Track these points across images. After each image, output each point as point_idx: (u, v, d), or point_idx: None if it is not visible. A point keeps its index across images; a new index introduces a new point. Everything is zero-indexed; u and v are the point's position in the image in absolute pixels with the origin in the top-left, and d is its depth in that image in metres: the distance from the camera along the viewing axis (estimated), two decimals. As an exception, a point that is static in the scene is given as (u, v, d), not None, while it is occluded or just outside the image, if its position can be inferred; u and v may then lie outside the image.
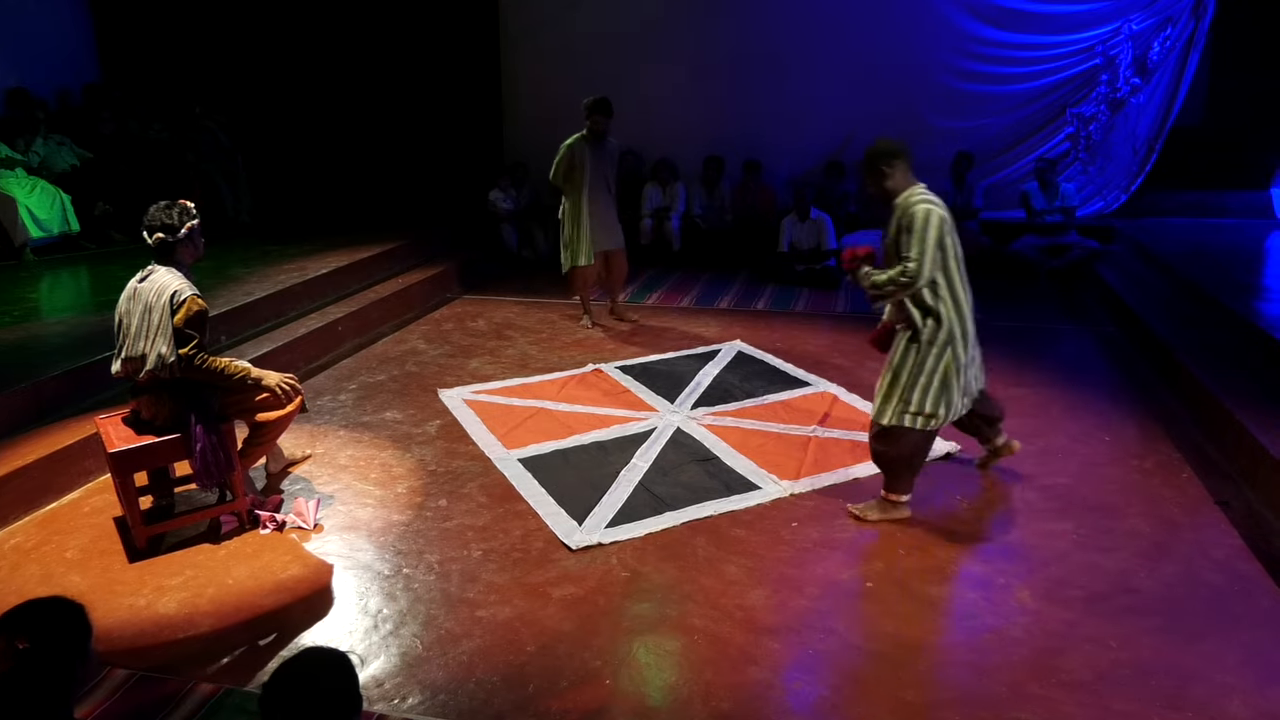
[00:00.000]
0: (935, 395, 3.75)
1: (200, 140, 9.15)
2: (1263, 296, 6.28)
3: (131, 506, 3.71)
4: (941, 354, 3.73)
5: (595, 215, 6.56)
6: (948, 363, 3.73)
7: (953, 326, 3.70)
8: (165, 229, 3.70)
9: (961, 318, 3.73)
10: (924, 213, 3.58)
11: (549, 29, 9.74)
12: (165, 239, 3.71)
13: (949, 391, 3.76)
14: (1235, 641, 3.10)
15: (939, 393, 3.75)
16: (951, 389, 3.76)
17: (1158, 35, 8.68)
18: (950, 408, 3.80)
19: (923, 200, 3.63)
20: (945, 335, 3.71)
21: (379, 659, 3.07)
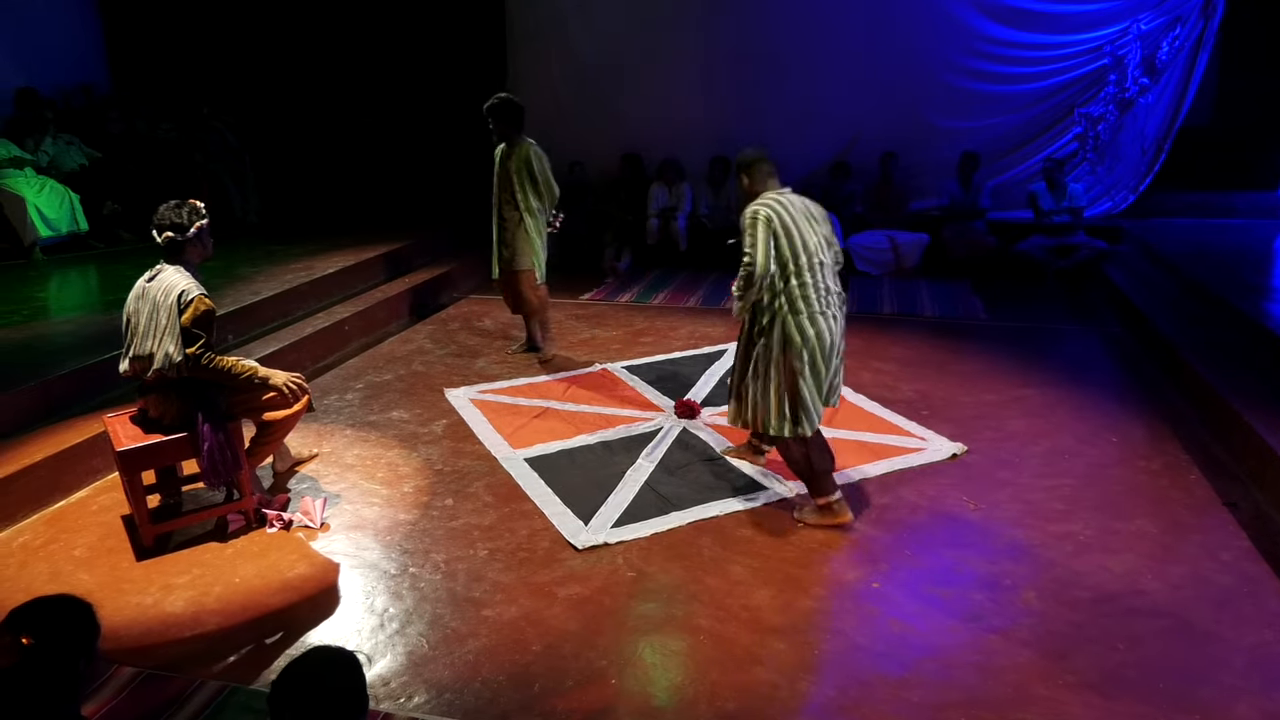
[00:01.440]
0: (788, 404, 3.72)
1: (208, 140, 9.19)
2: (1270, 297, 6.25)
3: (139, 505, 3.73)
4: (782, 360, 3.70)
5: (499, 229, 5.98)
6: (793, 369, 3.68)
7: (790, 331, 3.67)
8: (174, 227, 3.72)
9: (814, 322, 3.67)
10: (751, 213, 3.71)
11: (555, 30, 9.74)
12: (174, 237, 3.73)
13: (799, 398, 3.70)
14: (1243, 643, 3.09)
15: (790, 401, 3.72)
16: (800, 394, 3.70)
17: (1166, 35, 8.64)
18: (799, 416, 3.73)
19: (759, 203, 3.73)
20: (780, 339, 3.69)
21: (385, 658, 3.08)
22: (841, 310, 3.84)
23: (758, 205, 3.73)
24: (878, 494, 4.19)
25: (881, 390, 5.49)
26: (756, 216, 3.68)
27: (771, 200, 3.74)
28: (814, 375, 3.70)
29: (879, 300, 7.72)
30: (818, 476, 3.88)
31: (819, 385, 3.74)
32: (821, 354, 3.70)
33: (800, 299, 3.68)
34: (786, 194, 3.80)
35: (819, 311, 3.70)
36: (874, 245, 8.61)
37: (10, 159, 7.63)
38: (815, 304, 3.69)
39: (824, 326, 3.70)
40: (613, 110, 9.75)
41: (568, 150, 9.64)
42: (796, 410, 3.72)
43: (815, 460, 3.86)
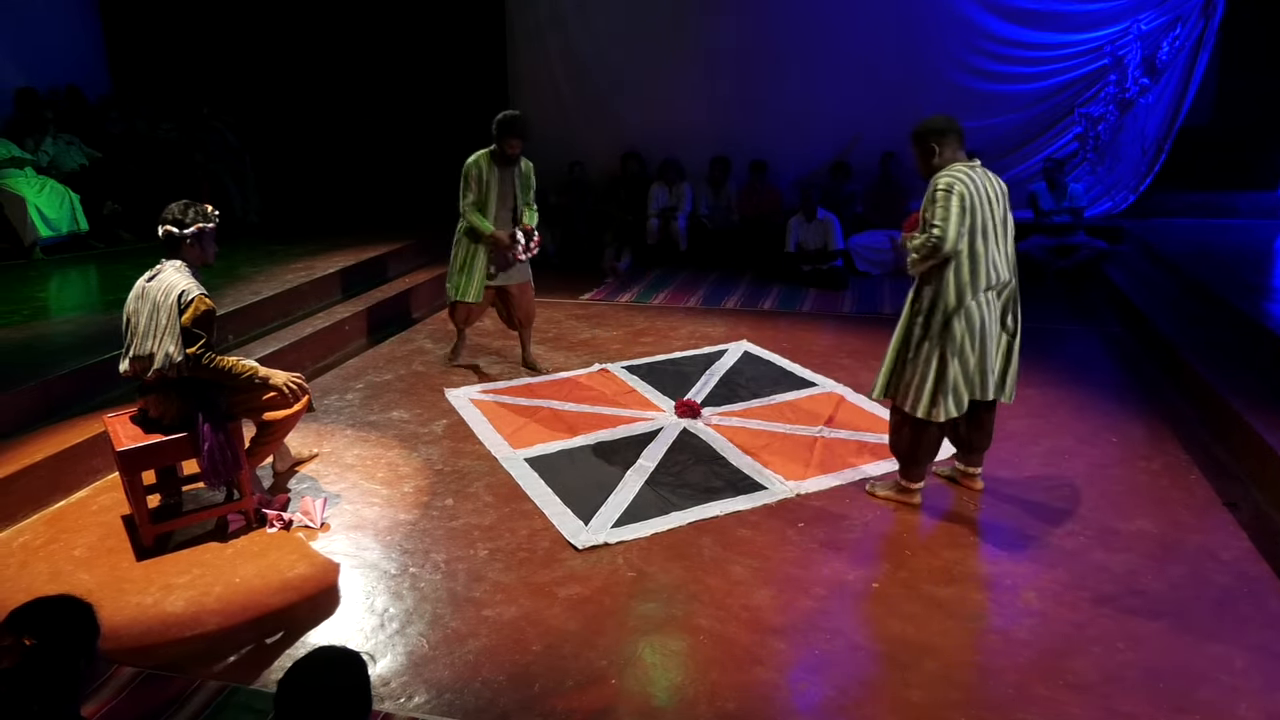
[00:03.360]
0: (932, 384, 3.72)
1: (208, 140, 9.19)
2: (1271, 297, 6.25)
3: (139, 505, 3.73)
4: (940, 337, 3.68)
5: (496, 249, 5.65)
6: (943, 348, 3.68)
7: (951, 309, 3.65)
8: (174, 223, 3.73)
9: (978, 303, 3.66)
10: (945, 183, 3.60)
11: (555, 30, 9.75)
12: (171, 232, 3.73)
13: (942, 382, 3.72)
14: (1243, 644, 3.09)
15: (935, 382, 3.72)
16: (946, 379, 3.71)
17: (1166, 35, 8.64)
18: (938, 400, 3.74)
19: (948, 174, 3.63)
20: (942, 317, 3.67)
21: (385, 658, 3.08)
22: (1012, 302, 3.83)
23: (950, 176, 3.62)
24: (878, 494, 4.20)
25: (882, 390, 5.48)
26: (951, 189, 3.58)
27: (962, 173, 3.63)
28: (962, 361, 3.70)
29: (879, 300, 7.72)
30: (917, 464, 3.94)
31: (966, 372, 3.73)
32: (977, 340, 3.69)
33: (968, 282, 3.64)
34: (976, 168, 3.69)
35: (983, 296, 3.67)
36: (875, 245, 8.61)
37: (10, 159, 7.64)
38: (981, 287, 3.65)
39: (984, 313, 3.69)
40: (613, 110, 9.76)
41: (568, 150, 9.67)
42: (937, 393, 3.72)
43: (922, 451, 3.90)
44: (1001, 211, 3.72)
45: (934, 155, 3.72)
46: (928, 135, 3.73)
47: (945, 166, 3.69)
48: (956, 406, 3.77)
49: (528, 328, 6.03)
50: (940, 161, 3.71)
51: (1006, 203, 3.76)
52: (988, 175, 3.72)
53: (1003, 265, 3.75)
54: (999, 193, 3.72)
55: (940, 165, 3.71)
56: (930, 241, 3.57)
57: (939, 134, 3.72)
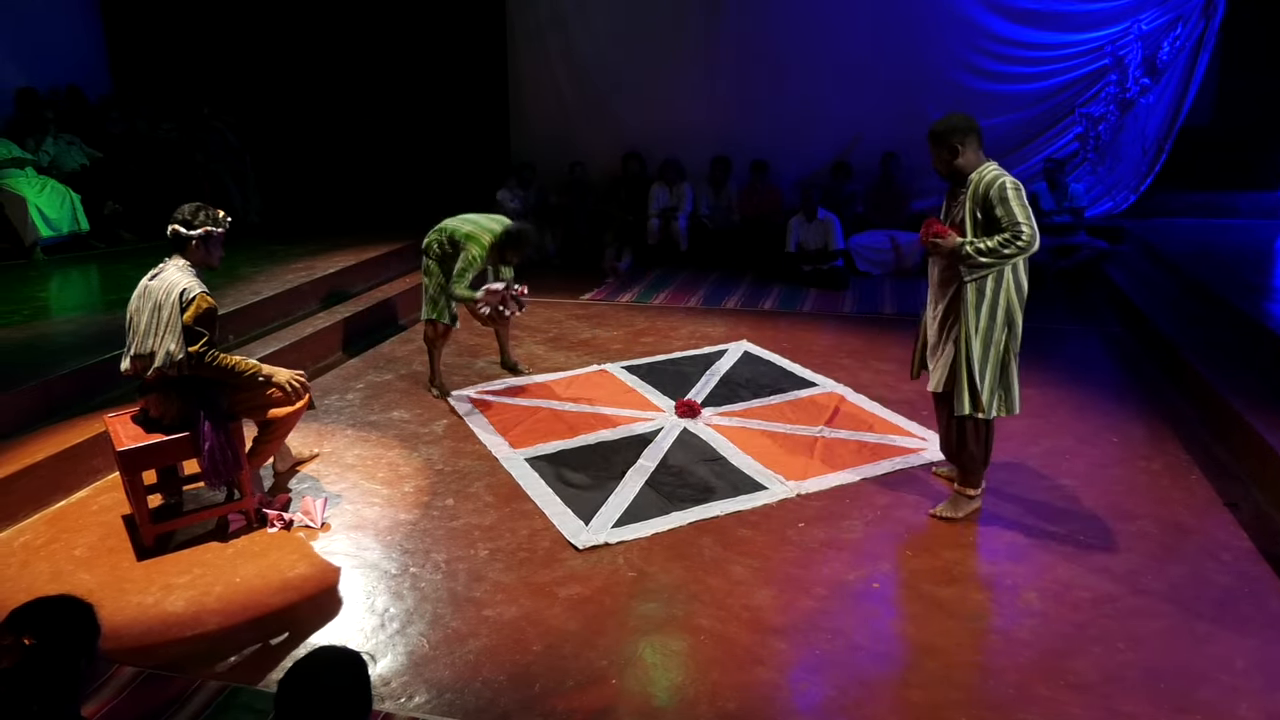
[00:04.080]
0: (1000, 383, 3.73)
1: (209, 140, 9.19)
2: (1272, 297, 6.25)
3: (140, 505, 3.73)
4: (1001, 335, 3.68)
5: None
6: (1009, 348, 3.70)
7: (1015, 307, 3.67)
8: (182, 223, 3.75)
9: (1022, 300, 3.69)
10: (1014, 183, 3.58)
11: (556, 30, 9.74)
12: (178, 231, 3.75)
13: (1008, 378, 3.74)
14: (1244, 644, 3.09)
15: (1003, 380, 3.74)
16: (1011, 374, 3.73)
17: (1167, 35, 8.63)
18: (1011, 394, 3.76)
19: (1007, 175, 3.61)
20: (1005, 316, 3.66)
21: (386, 657, 3.08)
22: None
23: (1002, 174, 3.61)
24: (878, 494, 4.20)
25: (882, 390, 5.48)
26: (1020, 187, 3.58)
27: (1003, 170, 3.64)
28: (1018, 359, 3.73)
29: (880, 300, 7.72)
30: (984, 464, 3.91)
31: (1018, 369, 3.75)
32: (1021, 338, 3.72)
33: (1025, 278, 3.66)
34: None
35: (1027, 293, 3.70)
36: (875, 245, 8.60)
37: (11, 159, 7.64)
38: (1027, 285, 3.69)
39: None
40: (613, 110, 9.75)
41: (569, 150, 9.67)
42: (1008, 389, 3.74)
43: (989, 446, 3.89)
44: None
45: (958, 155, 3.66)
46: (951, 134, 3.67)
47: (972, 166, 3.65)
48: (1019, 404, 3.80)
49: (506, 330, 5.93)
50: (965, 162, 3.66)
51: None
52: None
53: None
54: None
55: (966, 165, 3.66)
56: (1021, 241, 3.51)
57: (962, 133, 3.66)
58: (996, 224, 3.56)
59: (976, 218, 3.63)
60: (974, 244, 3.58)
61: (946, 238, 3.66)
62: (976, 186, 3.62)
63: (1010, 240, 3.51)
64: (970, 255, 3.58)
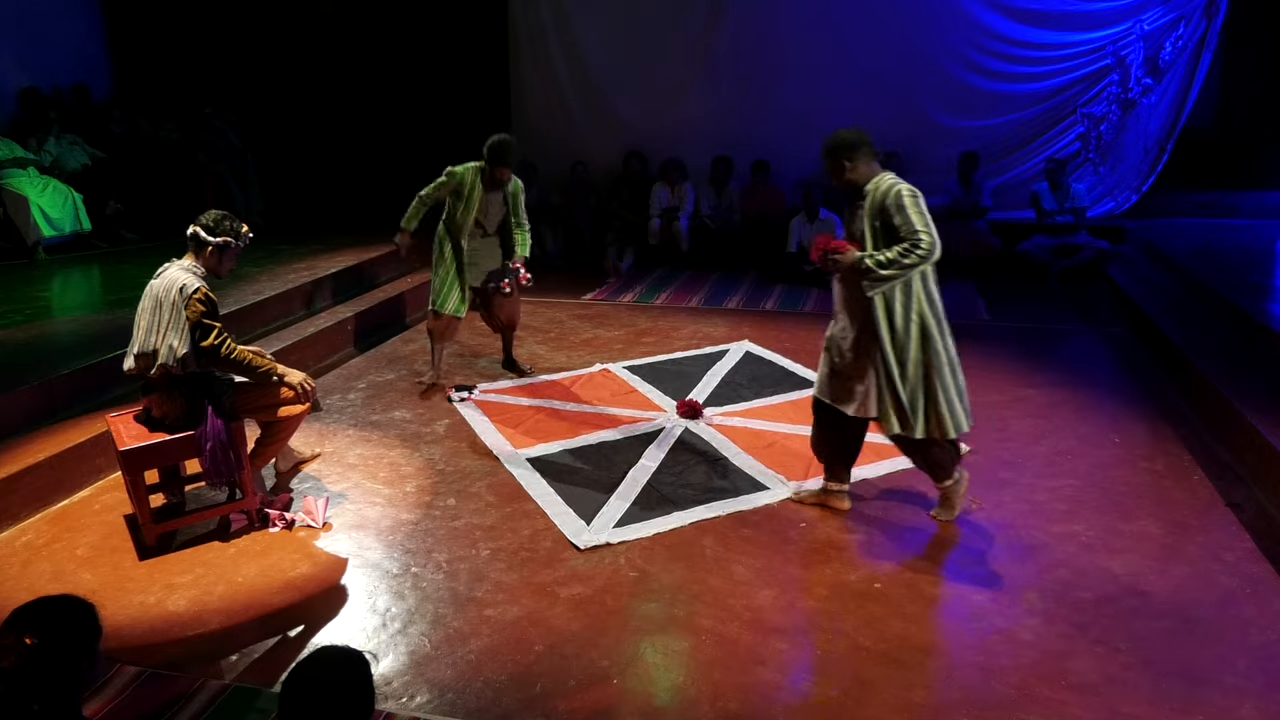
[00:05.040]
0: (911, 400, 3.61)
1: (211, 140, 9.20)
2: (1274, 297, 6.25)
3: (142, 504, 3.73)
4: (918, 350, 3.58)
5: (474, 256, 5.58)
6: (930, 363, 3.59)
7: (926, 317, 3.57)
8: (205, 228, 3.78)
9: (934, 310, 3.60)
10: (910, 191, 3.51)
11: (558, 30, 9.74)
12: (198, 234, 3.77)
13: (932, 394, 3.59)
14: (1246, 644, 3.08)
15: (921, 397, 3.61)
16: (935, 390, 3.60)
17: (1169, 35, 8.63)
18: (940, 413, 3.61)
19: (902, 183, 3.54)
20: (919, 326, 3.57)
21: (387, 657, 3.08)
22: None
23: (896, 183, 3.54)
24: (880, 494, 4.20)
25: (884, 390, 5.48)
26: (916, 194, 3.51)
27: (899, 179, 3.58)
28: (951, 372, 3.63)
29: (881, 300, 7.70)
30: (952, 463, 3.84)
31: (956, 385, 3.65)
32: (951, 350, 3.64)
33: (935, 289, 3.60)
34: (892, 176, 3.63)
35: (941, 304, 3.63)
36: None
37: (13, 159, 7.65)
38: (937, 293, 3.61)
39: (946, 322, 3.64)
40: (615, 110, 9.76)
41: (570, 150, 9.67)
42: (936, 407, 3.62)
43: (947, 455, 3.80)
44: None
45: (846, 169, 3.62)
46: (838, 149, 3.64)
47: (866, 178, 3.60)
48: (955, 424, 3.64)
49: (511, 330, 5.99)
50: (857, 175, 3.62)
51: None
52: None
53: None
54: None
55: (858, 178, 3.62)
56: (920, 249, 3.43)
57: (850, 147, 3.62)
58: (896, 234, 3.50)
59: (876, 228, 3.56)
60: (873, 256, 3.52)
61: (845, 252, 3.60)
62: (873, 197, 3.56)
63: (910, 249, 3.44)
64: (871, 268, 3.52)
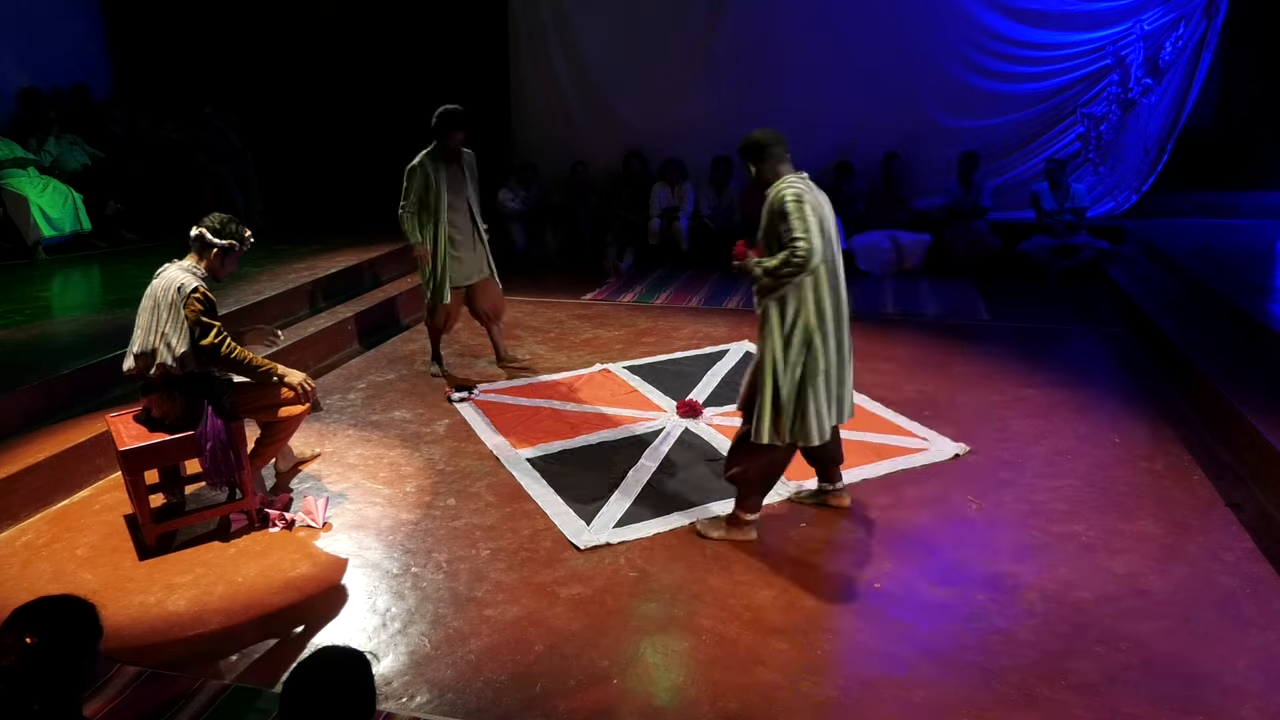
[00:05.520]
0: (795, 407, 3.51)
1: (211, 140, 9.19)
2: (1274, 297, 6.24)
3: (142, 504, 3.74)
4: (799, 357, 3.48)
5: (455, 244, 5.62)
6: (804, 367, 3.49)
7: (813, 328, 3.47)
8: (211, 230, 3.78)
9: (822, 321, 3.48)
10: (794, 195, 3.40)
11: (557, 30, 9.74)
12: (204, 236, 3.78)
13: (803, 402, 3.51)
14: (1246, 644, 3.08)
15: (793, 404, 3.51)
16: (807, 399, 3.51)
17: (1169, 35, 8.63)
18: (808, 422, 3.52)
19: (790, 187, 3.43)
20: (802, 335, 3.47)
21: (387, 657, 3.08)
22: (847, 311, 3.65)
23: (793, 187, 3.43)
24: (880, 494, 4.19)
25: (884, 390, 5.48)
26: (801, 198, 3.39)
27: (797, 182, 3.47)
28: (826, 382, 3.54)
29: (881, 300, 7.71)
30: (759, 491, 3.74)
31: (829, 392, 3.57)
32: (836, 359, 3.56)
33: (826, 294, 3.49)
34: (805, 178, 3.53)
35: (836, 310, 3.53)
36: (876, 245, 8.60)
37: (13, 159, 7.65)
38: (831, 300, 3.51)
39: (844, 331, 3.57)
40: (615, 110, 9.76)
41: (570, 150, 9.67)
42: (804, 416, 3.52)
43: (771, 477, 3.72)
44: (835, 226, 3.58)
45: (750, 173, 3.59)
46: (745, 151, 3.59)
47: (769, 181, 3.51)
48: (819, 432, 3.56)
49: (496, 322, 6.02)
50: (762, 178, 3.55)
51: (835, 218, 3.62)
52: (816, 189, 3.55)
53: (842, 280, 3.59)
54: (829, 205, 3.57)
55: (763, 181, 3.55)
56: (796, 257, 3.33)
57: (754, 150, 3.56)
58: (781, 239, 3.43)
59: (770, 234, 3.49)
60: (760, 264, 3.47)
61: (744, 258, 3.56)
62: (770, 201, 3.50)
63: (788, 258, 3.36)
64: (757, 276, 3.48)
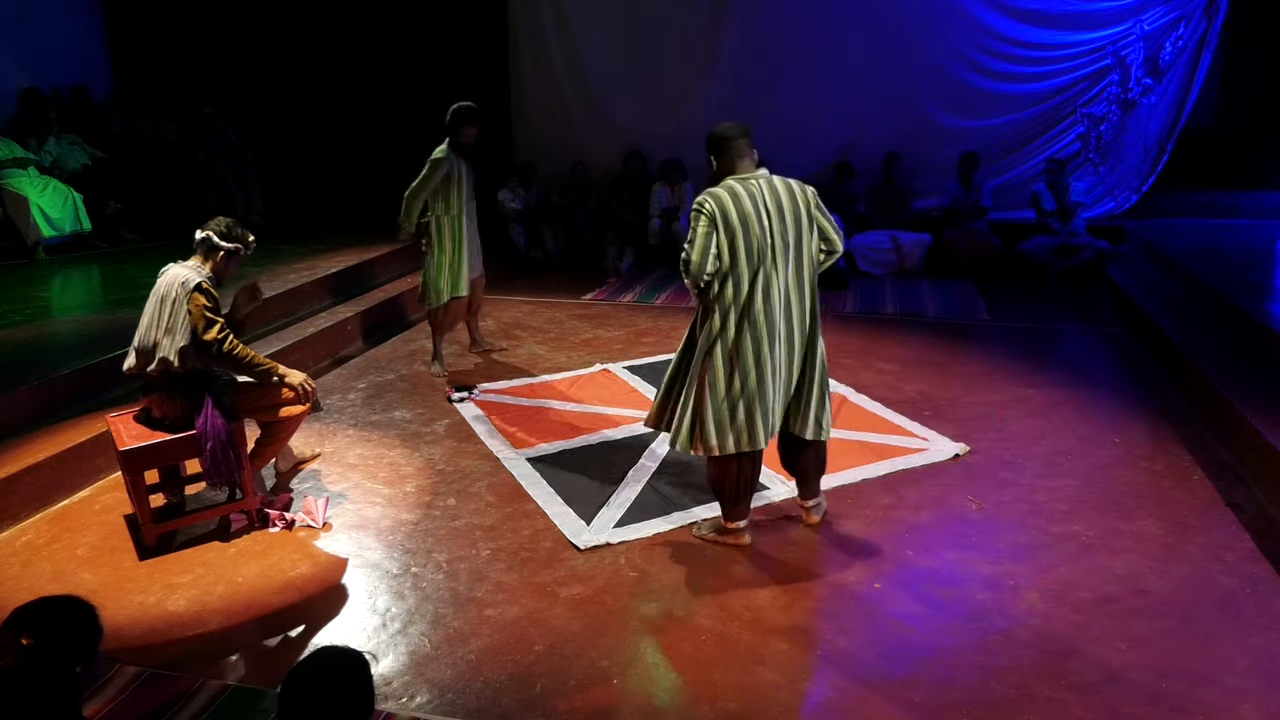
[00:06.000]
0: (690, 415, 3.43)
1: (211, 140, 9.20)
2: (1273, 297, 6.24)
3: (142, 504, 3.74)
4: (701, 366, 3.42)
5: (470, 238, 5.84)
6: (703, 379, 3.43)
7: (715, 335, 3.38)
8: (218, 233, 3.80)
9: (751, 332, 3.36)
10: (698, 202, 3.33)
11: (558, 30, 9.74)
12: (210, 239, 3.80)
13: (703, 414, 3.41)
14: (1246, 644, 3.08)
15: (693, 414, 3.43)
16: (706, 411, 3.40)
17: (1169, 35, 8.63)
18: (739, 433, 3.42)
19: (711, 195, 3.34)
20: (706, 344, 3.39)
21: (387, 657, 3.08)
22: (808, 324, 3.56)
23: (706, 194, 3.33)
24: (880, 494, 4.19)
25: (884, 390, 5.48)
26: (701, 208, 3.30)
27: (725, 189, 3.33)
28: (728, 393, 3.40)
29: (881, 300, 7.71)
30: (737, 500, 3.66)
31: (732, 404, 3.41)
32: (748, 372, 3.40)
33: (732, 307, 3.34)
34: (756, 179, 3.36)
35: (761, 329, 3.36)
36: (877, 245, 8.60)
37: (13, 159, 7.65)
38: (754, 318, 3.35)
39: (761, 344, 3.38)
40: (615, 110, 9.75)
41: (570, 150, 9.67)
42: (702, 424, 3.46)
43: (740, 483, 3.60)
44: (794, 232, 3.37)
45: (710, 167, 3.47)
46: (707, 144, 3.51)
47: (720, 179, 3.41)
48: (735, 441, 3.45)
49: (477, 316, 6.33)
50: (715, 174, 3.45)
51: (805, 220, 3.41)
52: (777, 188, 3.37)
53: (792, 291, 3.43)
54: (791, 208, 3.36)
55: (716, 178, 3.43)
56: (681, 269, 3.34)
57: (716, 143, 3.47)
58: None
59: None
60: None
61: None
62: None
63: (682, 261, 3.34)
64: None
